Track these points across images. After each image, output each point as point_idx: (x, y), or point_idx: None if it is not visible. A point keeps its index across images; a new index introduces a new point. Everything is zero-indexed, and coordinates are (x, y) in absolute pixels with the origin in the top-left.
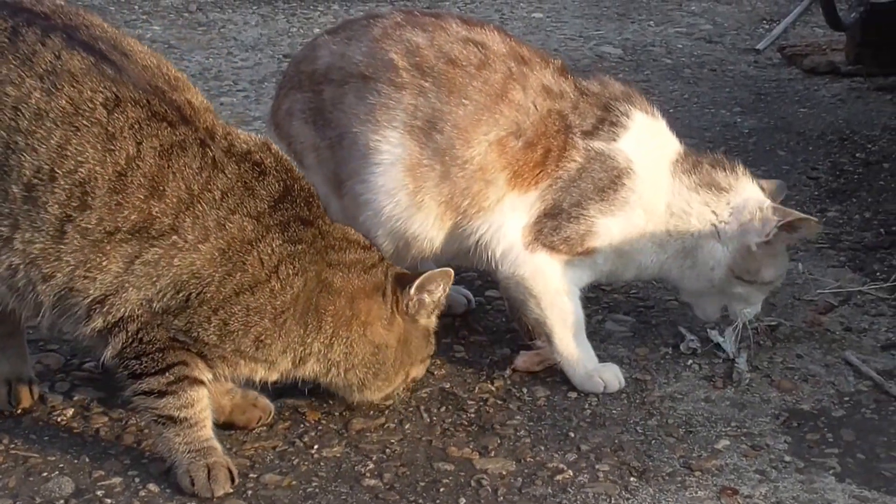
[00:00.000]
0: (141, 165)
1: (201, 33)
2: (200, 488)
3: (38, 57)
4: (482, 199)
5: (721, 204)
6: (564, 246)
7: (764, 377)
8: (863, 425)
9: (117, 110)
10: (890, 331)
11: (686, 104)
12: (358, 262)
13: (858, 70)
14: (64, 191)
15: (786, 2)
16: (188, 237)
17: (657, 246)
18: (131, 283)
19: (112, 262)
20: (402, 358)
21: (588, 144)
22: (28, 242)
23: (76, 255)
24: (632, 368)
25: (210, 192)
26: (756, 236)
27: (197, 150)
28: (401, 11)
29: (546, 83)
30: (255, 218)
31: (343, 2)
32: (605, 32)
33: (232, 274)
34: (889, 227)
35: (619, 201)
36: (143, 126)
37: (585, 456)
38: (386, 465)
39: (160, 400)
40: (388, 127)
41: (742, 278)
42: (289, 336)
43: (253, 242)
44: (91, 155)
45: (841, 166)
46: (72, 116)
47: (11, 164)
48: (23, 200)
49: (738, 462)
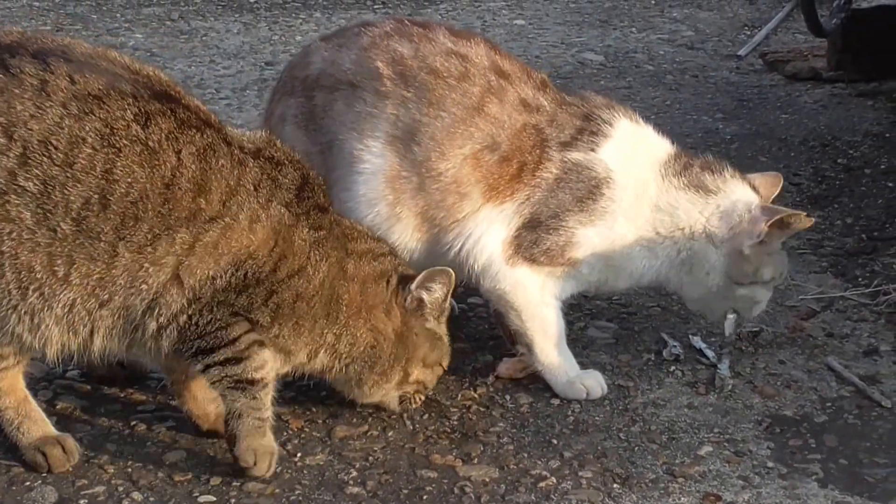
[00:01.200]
0: (185, 172)
1: (184, 41)
2: (259, 466)
3: (51, 86)
4: (457, 212)
5: (709, 207)
6: (545, 258)
7: (746, 383)
8: (845, 431)
9: (150, 124)
10: (872, 336)
11: (668, 110)
12: (369, 252)
13: (840, 76)
14: (118, 215)
15: (767, 8)
16: (241, 219)
17: (647, 251)
18: (195, 265)
19: (168, 254)
20: (397, 352)
21: (565, 156)
22: (86, 276)
23: (128, 268)
24: (614, 375)
25: (245, 185)
26: (748, 239)
27: (226, 150)
28: (393, 20)
29: (524, 97)
30: (287, 206)
31: (325, 10)
32: (587, 39)
33: (286, 256)
34: (871, 232)
35: (599, 211)
36: (177, 135)
37: (568, 463)
38: (369, 473)
39: (238, 365)
40: (371, 136)
41: (741, 282)
42: (315, 323)
43: (293, 228)
44: (139, 174)
45: (822, 172)
46: (110, 138)
47: (55, 200)
48: (75, 235)
49: (721, 468)
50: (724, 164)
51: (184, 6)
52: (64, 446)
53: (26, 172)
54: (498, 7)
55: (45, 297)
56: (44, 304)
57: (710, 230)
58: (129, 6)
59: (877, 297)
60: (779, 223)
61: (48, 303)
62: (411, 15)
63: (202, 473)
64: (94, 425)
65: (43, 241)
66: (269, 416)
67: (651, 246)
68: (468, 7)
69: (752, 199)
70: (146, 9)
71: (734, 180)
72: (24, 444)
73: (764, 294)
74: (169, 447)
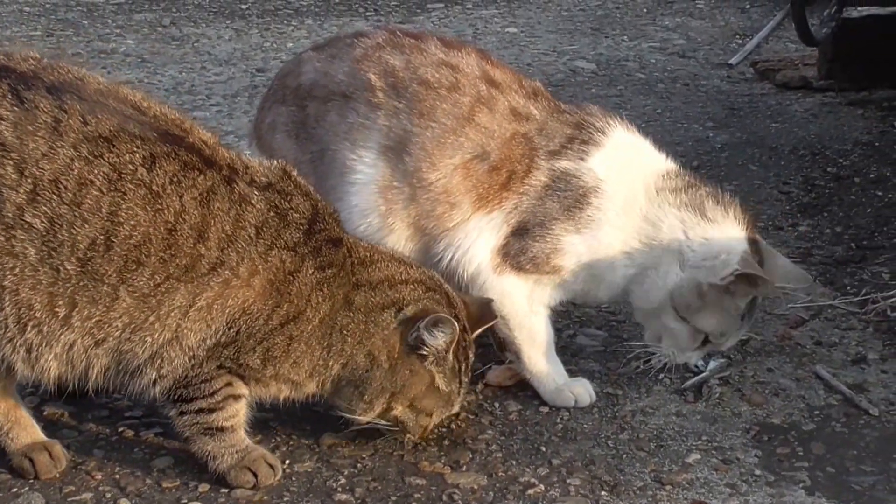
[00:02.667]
0: (187, 218)
1: (175, 48)
2: (262, 478)
3: (64, 126)
4: (447, 221)
5: (697, 230)
6: (531, 266)
7: (735, 391)
8: (833, 439)
9: (156, 168)
10: (860, 344)
11: (659, 119)
12: (385, 280)
13: (830, 85)
14: (121, 258)
15: (759, 17)
16: (238, 272)
17: (628, 259)
18: (189, 328)
19: (168, 316)
20: (385, 384)
21: (553, 164)
22: (87, 318)
23: (130, 314)
24: (603, 383)
25: (244, 228)
26: (712, 275)
27: (226, 191)
28: (385, 31)
29: (514, 106)
30: (292, 249)
31: (317, 16)
32: (578, 47)
33: (280, 306)
34: (860, 241)
35: (585, 220)
36: (180, 179)
37: (557, 470)
38: (357, 480)
39: (211, 415)
40: (364, 147)
41: (678, 311)
42: (314, 357)
43: (293, 273)
44: (143, 217)
45: (812, 181)
46: (117, 182)
47: (61, 239)
48: (78, 276)
49: (709, 476)
50: (735, 203)
51: (175, 12)
52: (51, 452)
53: (34, 209)
54: (490, 15)
55: (43, 335)
56: (42, 340)
57: (685, 251)
58: (120, 12)
59: (865, 305)
60: (747, 278)
61: (47, 340)
62: (403, 22)
63: (190, 480)
64: (82, 431)
65: (45, 279)
66: (247, 445)
67: (631, 255)
68: (460, 15)
69: (741, 247)
70: (137, 15)
71: (735, 222)
72: (11, 450)
73: (684, 341)
74: (156, 453)
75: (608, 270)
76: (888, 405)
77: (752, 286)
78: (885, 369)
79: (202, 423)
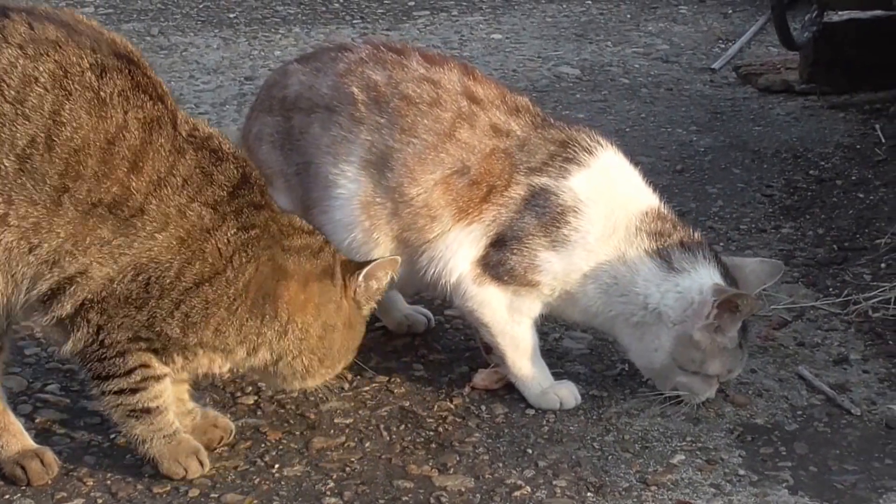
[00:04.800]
0: (128, 136)
1: (163, 56)
2: (190, 469)
3: (8, 30)
4: (428, 233)
5: (668, 284)
6: (509, 277)
7: (718, 392)
8: (815, 439)
9: (105, 76)
10: (842, 345)
11: (643, 123)
12: (306, 247)
13: (812, 89)
14: (62, 161)
15: (741, 22)
16: (147, 224)
17: (603, 294)
18: (96, 259)
19: (91, 238)
20: (347, 343)
21: (532, 181)
22: (23, 217)
23: (66, 228)
24: (589, 385)
25: (174, 176)
26: (697, 320)
27: (170, 131)
28: (369, 45)
29: (495, 122)
30: (212, 206)
31: (304, 25)
32: (563, 53)
33: (191, 263)
34: (841, 243)
35: (562, 238)
36: (129, 96)
37: (543, 472)
38: (346, 484)
39: (133, 396)
40: (346, 161)
41: (685, 368)
42: (243, 323)
43: (211, 231)
44: (86, 121)
45: (795, 183)
46: (62, 79)
47: (2, 136)
48: (16, 174)
49: (693, 476)
50: (702, 244)
51: (164, 22)
52: (43, 459)
53: None
54: (475, 21)
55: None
56: None
57: (664, 310)
58: (109, 22)
59: (847, 306)
60: (728, 304)
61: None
62: (390, 29)
63: (181, 485)
64: (74, 438)
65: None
66: (176, 427)
67: (607, 292)
68: (446, 22)
69: (710, 281)
70: (126, 24)
71: (704, 263)
72: (2, 458)
73: (702, 388)
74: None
75: (581, 295)
76: (870, 405)
77: (735, 310)
78: (866, 369)
79: (126, 404)
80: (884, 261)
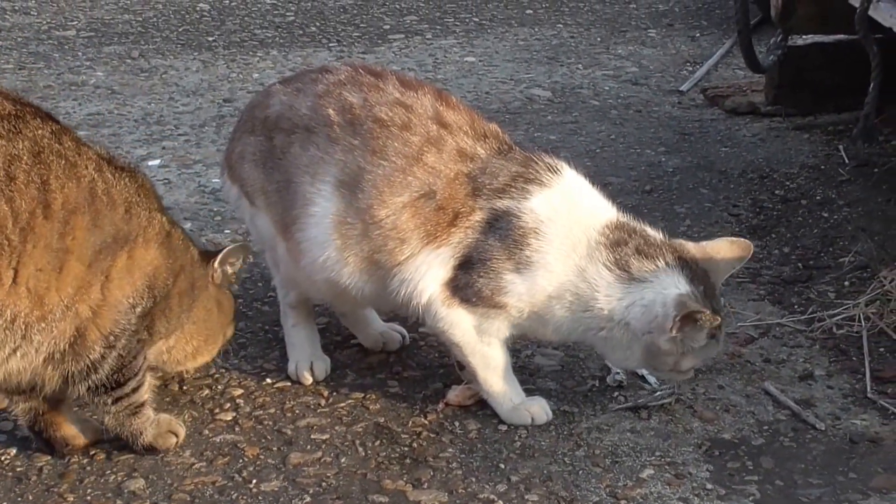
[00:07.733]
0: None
1: (144, 79)
2: (179, 435)
3: None
4: (398, 255)
5: (631, 296)
6: (476, 299)
7: (687, 408)
8: (781, 453)
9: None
10: (807, 361)
11: (612, 144)
12: (182, 243)
13: (777, 110)
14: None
15: (708, 45)
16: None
17: (569, 313)
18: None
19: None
20: (221, 320)
21: (493, 204)
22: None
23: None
24: (560, 401)
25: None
26: (661, 334)
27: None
28: (348, 68)
29: (462, 147)
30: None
31: (282, 48)
32: (535, 75)
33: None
34: (807, 261)
35: (525, 260)
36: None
37: (515, 486)
38: (322, 499)
39: (137, 393)
40: (322, 181)
41: (660, 370)
42: (172, 312)
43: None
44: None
45: (761, 203)
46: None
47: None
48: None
49: (662, 490)
50: (663, 249)
51: (144, 45)
52: None
53: None
54: (449, 45)
55: None
56: None
57: (631, 321)
58: (90, 45)
59: (812, 323)
60: (689, 318)
61: None
62: (365, 52)
63: (161, 501)
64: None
65: None
66: (152, 413)
67: (571, 309)
68: (420, 45)
69: (673, 292)
70: (107, 47)
71: (667, 270)
72: None
73: (682, 377)
74: (129, 475)
75: (549, 315)
76: (834, 420)
77: (694, 322)
78: (830, 385)
79: (132, 403)
80: (847, 279)
